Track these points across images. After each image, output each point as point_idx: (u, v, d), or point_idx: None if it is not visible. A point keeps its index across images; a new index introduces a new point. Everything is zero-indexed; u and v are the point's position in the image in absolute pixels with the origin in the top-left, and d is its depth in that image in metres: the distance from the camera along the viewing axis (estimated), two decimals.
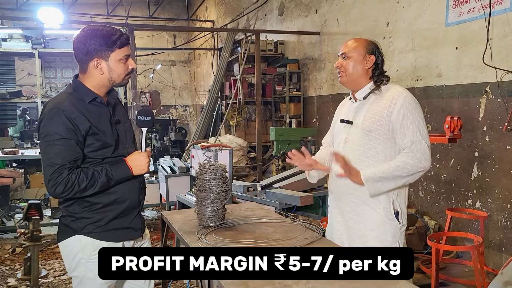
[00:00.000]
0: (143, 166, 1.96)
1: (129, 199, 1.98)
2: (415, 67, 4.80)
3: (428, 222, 4.48)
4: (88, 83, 1.93)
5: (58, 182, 1.77)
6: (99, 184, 1.83)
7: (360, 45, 2.15)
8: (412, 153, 2.02)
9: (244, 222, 2.36)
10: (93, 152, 1.87)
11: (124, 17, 10.39)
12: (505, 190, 3.84)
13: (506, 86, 3.78)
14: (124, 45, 1.91)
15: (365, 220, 2.13)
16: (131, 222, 2.01)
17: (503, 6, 3.78)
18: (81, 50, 1.88)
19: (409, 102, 2.07)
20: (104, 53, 1.87)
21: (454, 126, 3.24)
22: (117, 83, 1.95)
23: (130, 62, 1.95)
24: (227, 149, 3.68)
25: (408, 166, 2.01)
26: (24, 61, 10.79)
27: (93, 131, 1.85)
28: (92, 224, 1.90)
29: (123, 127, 2.03)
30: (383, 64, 2.19)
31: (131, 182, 1.98)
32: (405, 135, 2.05)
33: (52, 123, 1.80)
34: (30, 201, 3.90)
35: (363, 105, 2.17)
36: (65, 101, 1.86)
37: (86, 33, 1.87)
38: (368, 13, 5.52)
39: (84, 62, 1.90)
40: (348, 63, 2.15)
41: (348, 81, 2.19)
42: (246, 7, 9.37)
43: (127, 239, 2.01)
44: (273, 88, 7.67)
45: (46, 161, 1.80)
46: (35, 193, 6.68)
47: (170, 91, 13.78)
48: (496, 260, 3.90)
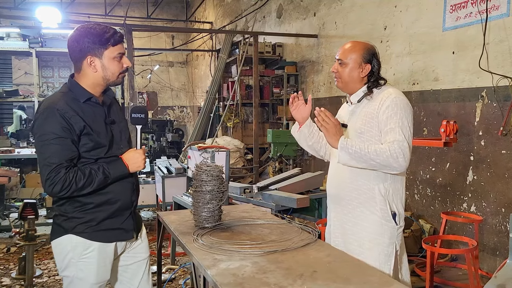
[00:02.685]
0: (139, 163, 1.97)
1: (121, 200, 1.98)
2: (412, 71, 4.82)
3: (423, 225, 4.50)
4: (83, 82, 1.92)
5: (55, 181, 1.77)
6: (96, 182, 1.84)
7: (356, 53, 2.15)
8: (393, 146, 2.00)
9: (240, 223, 2.37)
10: (87, 152, 1.88)
11: (122, 17, 10.38)
12: (500, 194, 3.86)
13: (501, 91, 3.81)
14: (118, 43, 1.90)
15: (362, 222, 2.14)
16: (122, 223, 2.01)
17: (500, 12, 3.80)
18: (74, 48, 1.88)
19: (396, 104, 2.06)
20: (98, 50, 1.87)
21: (450, 130, 3.26)
22: (111, 81, 1.95)
23: (125, 60, 1.95)
24: (224, 150, 3.69)
25: (384, 155, 1.99)
26: (21, 60, 10.75)
27: (87, 131, 1.86)
28: (83, 224, 1.91)
29: (118, 127, 2.03)
30: (380, 70, 2.19)
31: (123, 182, 1.98)
32: (387, 133, 2.05)
33: (47, 123, 1.80)
34: (25, 201, 3.88)
35: (357, 108, 2.20)
36: (60, 100, 1.86)
37: (79, 31, 1.88)
38: (366, 17, 5.54)
39: (78, 60, 1.90)
40: (344, 70, 2.17)
41: (344, 87, 2.22)
42: (245, 9, 9.39)
43: (118, 240, 2.01)
44: (270, 90, 7.68)
45: (43, 160, 1.80)
46: (30, 192, 6.65)
47: (167, 92, 13.76)
48: (490, 263, 3.92)
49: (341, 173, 2.20)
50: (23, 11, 10.12)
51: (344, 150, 2.03)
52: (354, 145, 2.03)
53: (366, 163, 2.03)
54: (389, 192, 2.12)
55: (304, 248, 1.94)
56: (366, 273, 1.69)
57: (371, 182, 2.11)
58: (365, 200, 2.12)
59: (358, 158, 2.02)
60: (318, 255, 1.86)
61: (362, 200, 2.13)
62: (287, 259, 1.80)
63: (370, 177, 2.11)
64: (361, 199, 2.13)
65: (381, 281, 1.61)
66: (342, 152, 2.04)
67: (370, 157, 2.00)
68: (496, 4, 3.83)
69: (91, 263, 1.93)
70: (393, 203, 2.14)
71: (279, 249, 1.90)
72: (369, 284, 1.58)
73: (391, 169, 2.03)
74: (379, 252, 2.11)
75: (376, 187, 2.11)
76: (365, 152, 2.00)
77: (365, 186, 2.12)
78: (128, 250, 2.13)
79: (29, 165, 7.78)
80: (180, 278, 3.95)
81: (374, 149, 2.01)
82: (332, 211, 2.30)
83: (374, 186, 2.11)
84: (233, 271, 1.66)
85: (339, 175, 2.22)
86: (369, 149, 2.01)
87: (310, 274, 1.64)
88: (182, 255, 4.43)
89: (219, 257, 1.81)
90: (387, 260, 2.11)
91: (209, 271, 1.67)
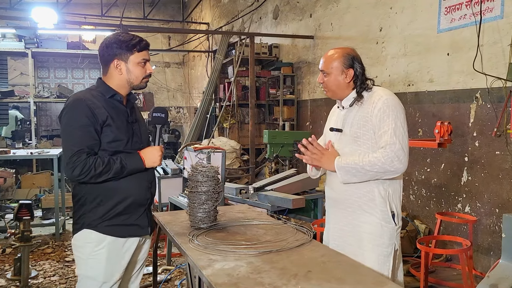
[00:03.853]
0: (155, 159, 2.09)
1: (134, 196, 2.07)
2: (407, 72, 4.85)
3: (418, 226, 4.52)
4: (109, 83, 2.09)
5: (76, 165, 1.90)
6: (113, 170, 1.96)
7: (336, 60, 2.17)
8: (386, 152, 2.03)
9: (235, 224, 2.38)
10: (107, 143, 2.00)
11: (119, 18, 10.37)
12: (493, 195, 3.89)
13: (495, 92, 3.84)
14: (143, 50, 2.08)
15: (362, 224, 2.15)
16: (137, 219, 2.11)
17: (494, 14, 3.84)
18: (104, 53, 2.07)
19: (387, 105, 2.08)
20: (124, 55, 2.05)
21: (444, 131, 3.28)
22: (135, 85, 2.11)
23: (148, 66, 2.12)
24: (220, 151, 3.70)
25: (379, 163, 2.02)
26: (17, 60, 10.71)
27: (109, 122, 1.99)
28: (97, 220, 2.02)
29: (139, 127, 2.17)
30: (364, 72, 2.21)
31: (138, 179, 2.08)
32: (381, 136, 2.08)
33: (75, 112, 1.96)
34: (21, 201, 3.88)
35: (350, 112, 2.21)
36: (87, 93, 2.04)
37: (110, 38, 2.08)
38: (361, 18, 5.57)
39: (106, 63, 2.08)
40: (329, 80, 2.21)
41: (333, 95, 2.26)
42: (241, 10, 9.40)
43: (132, 235, 2.10)
44: (267, 91, 7.69)
45: (66, 145, 1.95)
46: (26, 193, 6.64)
47: (164, 93, 13.74)
48: (484, 263, 3.95)
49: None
50: (19, 11, 10.08)
51: (342, 170, 2.08)
52: (349, 162, 2.07)
53: (366, 175, 2.06)
54: (389, 193, 2.14)
55: (299, 248, 1.95)
56: (360, 273, 1.71)
57: (371, 184, 2.13)
58: (365, 202, 2.14)
59: (356, 173, 2.06)
60: (313, 255, 1.88)
61: (362, 202, 2.14)
62: (281, 259, 1.81)
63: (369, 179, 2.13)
64: (361, 201, 2.14)
65: (375, 281, 1.62)
66: (341, 172, 2.08)
67: (367, 169, 2.04)
68: (490, 6, 3.86)
69: (100, 261, 2.02)
70: (393, 203, 2.15)
71: (274, 249, 1.91)
72: (363, 284, 1.60)
73: (391, 174, 2.06)
74: (378, 253, 2.12)
75: (376, 189, 2.13)
76: (361, 166, 2.04)
77: (365, 189, 2.14)
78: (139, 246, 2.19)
79: (25, 166, 7.76)
80: (176, 278, 3.95)
81: (368, 161, 2.04)
82: (331, 215, 2.30)
83: (374, 188, 2.13)
84: (228, 271, 1.68)
85: (337, 179, 2.21)
86: (364, 161, 2.04)
87: (305, 274, 1.65)
88: (178, 255, 4.44)
89: (214, 258, 1.83)
90: (386, 261, 2.13)
91: (204, 271, 1.68)
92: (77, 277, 2.11)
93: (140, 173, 2.08)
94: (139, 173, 2.07)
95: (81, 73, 12.11)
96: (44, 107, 11.09)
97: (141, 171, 2.08)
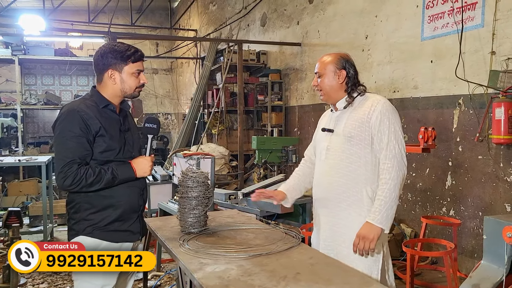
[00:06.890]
0: (146, 169, 2.13)
1: (127, 203, 2.11)
2: (392, 79, 4.95)
3: (404, 230, 4.61)
4: (103, 92, 2.12)
5: (67, 175, 1.93)
6: (104, 181, 1.99)
7: (330, 63, 2.28)
8: (388, 166, 2.12)
9: (225, 228, 2.41)
10: (100, 153, 2.03)
11: (107, 24, 10.37)
12: (477, 198, 3.99)
13: (477, 98, 3.95)
14: (138, 61, 2.11)
15: (350, 224, 2.19)
16: (130, 225, 2.14)
17: (475, 23, 3.96)
18: (99, 62, 2.09)
19: (387, 109, 2.19)
20: (119, 65, 2.08)
21: (428, 137, 3.37)
22: (128, 94, 2.15)
23: (142, 77, 2.15)
24: (209, 157, 3.74)
25: (393, 182, 2.11)
26: (3, 67, 10.63)
27: (102, 133, 2.02)
28: (92, 226, 2.05)
29: (131, 135, 2.19)
30: (356, 75, 2.30)
31: (130, 187, 2.12)
32: (381, 139, 2.17)
33: (68, 122, 1.98)
34: (10, 209, 3.86)
35: (343, 114, 2.28)
36: (81, 104, 2.05)
37: (105, 48, 2.10)
38: (348, 26, 5.68)
39: (100, 72, 2.10)
40: (323, 81, 2.30)
41: (327, 98, 2.34)
42: (229, 17, 9.48)
43: (124, 241, 2.12)
44: (255, 97, 7.75)
45: (59, 155, 1.97)
46: (12, 201, 6.57)
47: (152, 99, 13.73)
48: (468, 266, 4.04)
49: (328, 177, 2.27)
50: (6, 18, 9.99)
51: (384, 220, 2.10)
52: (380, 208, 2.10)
53: (394, 201, 2.12)
54: (376, 194, 2.19)
55: (288, 252, 2.00)
56: (347, 274, 1.76)
57: (359, 185, 2.19)
58: (353, 202, 2.19)
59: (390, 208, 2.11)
60: (302, 257, 1.92)
61: (351, 202, 2.20)
62: (271, 262, 1.85)
63: (358, 179, 2.19)
64: (349, 201, 2.20)
65: (361, 282, 1.68)
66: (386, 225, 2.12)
67: (391, 197, 2.10)
68: (471, 16, 3.99)
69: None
70: None
71: (263, 252, 1.95)
72: (350, 284, 1.65)
73: (404, 174, 2.17)
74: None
75: (364, 190, 2.19)
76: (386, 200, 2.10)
77: (354, 189, 2.19)
78: None
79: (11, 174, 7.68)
80: (165, 284, 3.96)
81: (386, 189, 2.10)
82: (321, 215, 2.34)
83: (362, 188, 2.19)
84: (219, 274, 1.71)
85: (326, 179, 2.28)
86: (385, 194, 2.11)
87: (294, 276, 1.70)
88: (168, 261, 4.45)
89: (205, 261, 1.86)
90: (375, 261, 2.17)
91: (195, 275, 1.71)
92: (73, 282, 2.12)
93: (132, 181, 2.11)
94: (131, 181, 2.11)
95: (68, 80, 12.05)
96: (31, 114, 10.99)
97: (132, 181, 2.11)
